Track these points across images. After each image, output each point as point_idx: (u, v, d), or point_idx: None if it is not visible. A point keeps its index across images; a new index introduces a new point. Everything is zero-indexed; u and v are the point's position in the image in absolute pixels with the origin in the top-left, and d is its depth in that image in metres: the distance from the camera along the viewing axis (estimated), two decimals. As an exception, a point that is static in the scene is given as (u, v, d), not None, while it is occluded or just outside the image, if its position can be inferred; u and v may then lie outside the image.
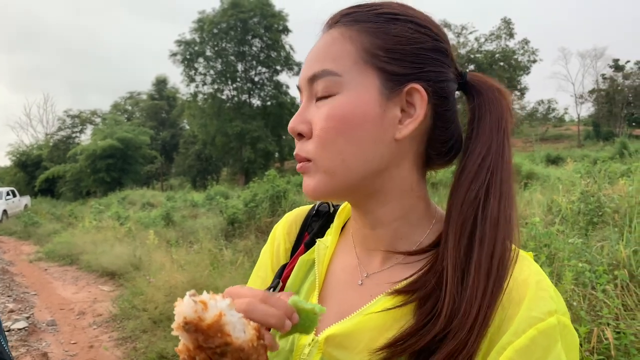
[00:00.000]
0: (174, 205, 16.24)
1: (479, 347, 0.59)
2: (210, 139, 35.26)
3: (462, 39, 29.54)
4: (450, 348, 0.59)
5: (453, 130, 0.72)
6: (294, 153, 0.73)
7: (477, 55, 28.88)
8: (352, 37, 0.68)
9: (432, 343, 0.60)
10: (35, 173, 41.69)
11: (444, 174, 0.85)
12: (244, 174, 34.03)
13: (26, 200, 30.00)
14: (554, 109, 48.11)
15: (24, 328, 6.44)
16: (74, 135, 48.99)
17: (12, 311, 7.31)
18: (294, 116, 0.72)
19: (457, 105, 0.75)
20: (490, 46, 29.73)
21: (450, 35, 27.26)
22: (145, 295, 6.82)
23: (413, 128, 0.67)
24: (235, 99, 36.11)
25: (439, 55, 0.70)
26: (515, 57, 29.62)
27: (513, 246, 0.66)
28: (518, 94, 30.87)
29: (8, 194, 26.47)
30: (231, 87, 36.30)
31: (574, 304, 2.76)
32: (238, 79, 35.90)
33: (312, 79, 0.69)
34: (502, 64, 28.95)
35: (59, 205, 29.27)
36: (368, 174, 0.68)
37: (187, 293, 0.48)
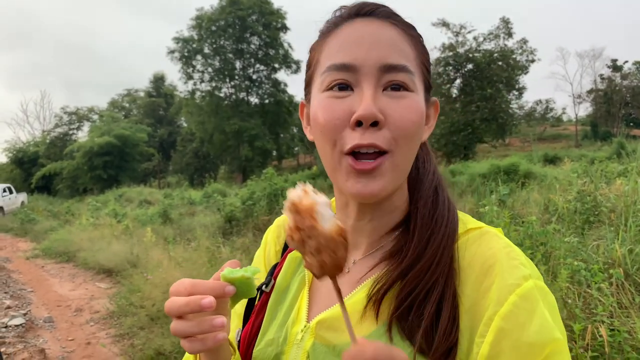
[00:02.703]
0: (171, 203, 16.23)
1: (445, 272, 0.69)
2: (208, 136, 35.22)
3: (460, 38, 29.50)
4: (421, 266, 0.69)
5: None
6: (367, 143, 0.69)
7: (476, 54, 28.84)
8: (412, 43, 0.75)
9: (404, 274, 0.70)
10: (32, 170, 41.56)
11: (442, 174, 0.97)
12: (241, 172, 34.01)
13: (23, 197, 29.92)
14: (552, 109, 48.23)
15: (21, 324, 6.44)
16: (70, 132, 48.92)
17: (9, 307, 7.30)
18: (368, 102, 0.68)
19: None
20: (488, 45, 29.72)
21: (449, 34, 27.13)
22: (142, 292, 6.82)
23: (429, 134, 0.80)
24: (233, 96, 36.05)
25: None
26: (514, 56, 29.59)
27: (480, 223, 0.77)
28: (516, 93, 30.83)
29: (5, 191, 26.40)
30: (229, 85, 36.23)
31: (569, 301, 2.79)
32: (236, 77, 35.84)
33: (389, 69, 0.70)
34: (500, 63, 28.92)
35: (56, 203, 29.19)
36: (407, 173, 0.78)
37: (300, 183, 0.58)
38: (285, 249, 0.95)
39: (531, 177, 12.35)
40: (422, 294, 0.68)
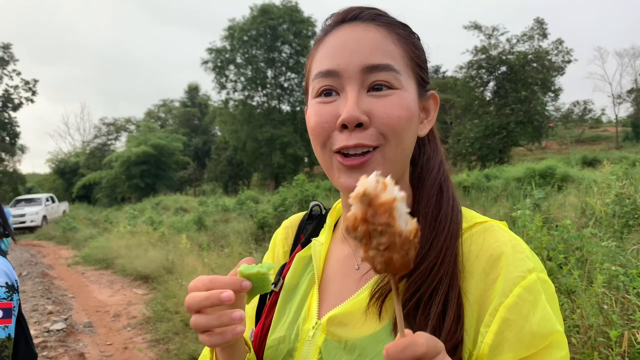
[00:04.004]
0: (206, 210, 16.47)
1: (450, 271, 0.69)
2: (241, 144, 35.60)
3: (493, 41, 28.95)
4: (425, 267, 0.70)
5: None
6: (352, 143, 0.72)
7: (509, 56, 28.24)
8: (399, 41, 0.76)
9: (409, 275, 0.71)
10: (73, 180, 42.88)
11: (476, 178, 0.96)
12: (274, 178, 34.24)
13: (64, 206, 30.91)
14: (590, 110, 46.73)
15: (62, 329, 6.65)
16: (109, 142, 50.33)
17: (51, 313, 7.55)
18: (350, 106, 0.71)
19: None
20: (522, 47, 29.06)
21: (481, 37, 26.65)
22: (177, 298, 6.94)
23: (429, 128, 0.82)
24: (265, 105, 36.40)
25: None
26: (549, 57, 28.81)
27: (485, 217, 0.79)
28: (552, 95, 30.04)
29: (48, 200, 27.32)
30: (261, 94, 36.60)
31: (605, 307, 2.70)
32: (268, 85, 36.18)
33: (371, 69, 0.73)
34: (535, 64, 28.21)
35: (95, 211, 30.01)
36: (407, 167, 0.80)
37: (375, 171, 0.53)
38: (293, 249, 0.97)
39: (568, 181, 12.02)
40: (428, 294, 0.69)
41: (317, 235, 0.95)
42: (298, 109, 35.92)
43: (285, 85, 36.47)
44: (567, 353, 0.67)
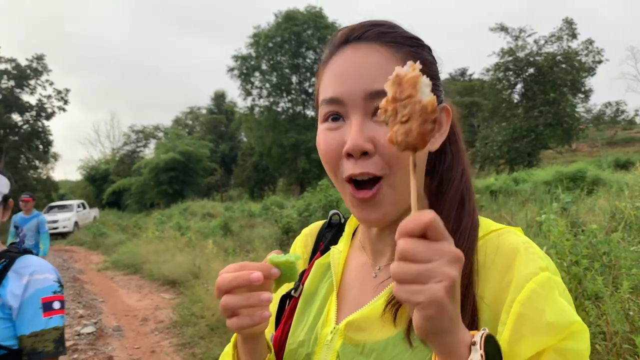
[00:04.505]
0: (232, 216, 16.63)
1: (465, 274, 0.68)
2: (267, 150, 35.83)
3: (520, 42, 28.49)
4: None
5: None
6: (359, 172, 0.73)
7: (537, 58, 27.74)
8: (404, 60, 0.74)
9: None
10: (103, 186, 43.78)
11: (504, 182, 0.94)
12: (299, 184, 34.35)
13: (95, 212, 31.63)
14: (623, 111, 45.41)
15: (92, 332, 6.81)
16: (138, 149, 51.27)
17: (81, 316, 7.74)
18: (354, 135, 0.72)
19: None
20: (550, 48, 28.50)
21: (508, 39, 26.27)
22: (203, 302, 7.04)
23: (442, 141, 0.80)
24: (290, 110, 36.59)
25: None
26: (579, 58, 28.16)
27: (500, 225, 0.79)
28: (582, 96, 29.37)
29: (79, 207, 28.00)
30: (286, 100, 36.81)
31: (631, 313, 2.63)
32: (293, 91, 36.37)
33: (373, 96, 0.72)
34: (564, 65, 27.64)
35: (125, 217, 30.59)
36: (419, 187, 0.78)
37: (409, 62, 0.59)
38: (313, 256, 0.99)
39: (599, 184, 11.72)
40: None
41: (335, 243, 0.96)
42: (323, 114, 35.92)
43: (310, 90, 36.61)
44: (588, 344, 0.66)
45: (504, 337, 0.65)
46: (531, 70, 28.02)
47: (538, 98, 27.01)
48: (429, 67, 0.79)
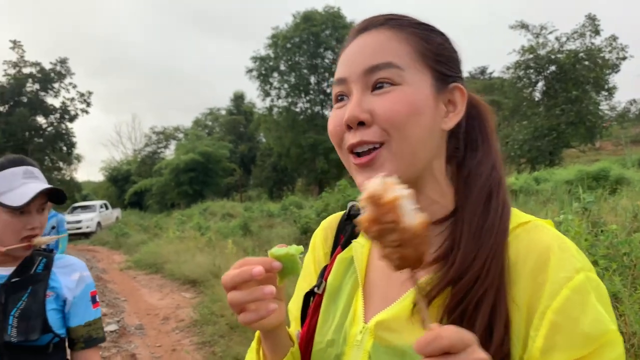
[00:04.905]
0: (251, 216, 16.74)
1: (497, 281, 0.68)
2: (285, 150, 35.95)
3: (541, 40, 28.04)
4: (470, 277, 0.69)
5: (459, 131, 0.85)
6: (357, 141, 0.75)
7: (559, 55, 27.27)
8: (407, 38, 0.78)
9: (453, 284, 0.70)
10: (125, 187, 44.37)
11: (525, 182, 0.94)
12: (317, 184, 34.40)
13: (117, 212, 32.09)
14: (648, 109, 44.44)
15: (115, 331, 6.93)
16: (159, 150, 51.89)
17: (105, 315, 7.88)
18: (352, 105, 0.75)
19: None
20: (572, 45, 27.98)
21: (529, 36, 25.85)
22: (223, 302, 7.09)
23: (457, 121, 0.80)
24: (309, 111, 36.66)
25: (461, 66, 0.83)
26: (602, 55, 27.61)
27: (529, 216, 0.77)
28: (606, 94, 28.77)
29: (101, 207, 28.45)
30: (304, 100, 36.89)
31: (650, 315, 2.60)
32: (311, 92, 36.44)
33: (372, 70, 0.75)
34: (586, 63, 27.12)
35: (146, 217, 30.91)
36: (426, 161, 0.78)
37: (381, 174, 0.57)
38: (334, 251, 0.97)
39: (623, 183, 11.49)
40: (472, 305, 0.68)
41: (356, 236, 0.93)
42: (341, 114, 35.90)
43: (328, 91, 36.62)
44: (622, 352, 0.66)
45: (536, 345, 0.65)
46: (553, 67, 27.56)
47: (560, 96, 26.57)
48: (435, 47, 0.79)
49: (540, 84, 28.82)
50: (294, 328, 0.96)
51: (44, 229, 1.67)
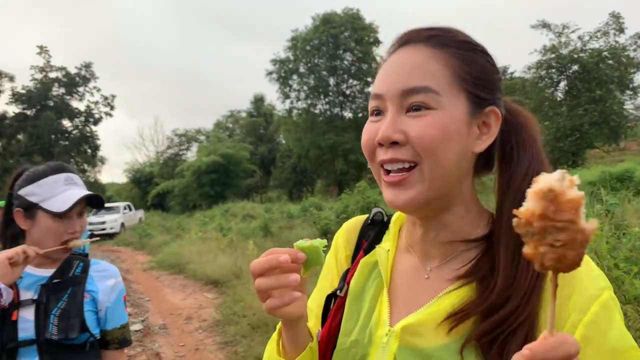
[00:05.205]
0: (271, 217, 16.82)
1: (535, 315, 0.70)
2: (305, 152, 35.98)
3: (563, 39, 27.62)
4: (509, 309, 0.70)
5: (495, 145, 0.85)
6: (389, 157, 0.78)
7: (581, 54, 26.82)
8: (446, 60, 0.79)
9: (489, 311, 0.72)
10: (147, 188, 44.94)
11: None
12: (337, 185, 34.37)
13: (140, 213, 32.52)
14: (676, 108, 43.34)
15: (139, 330, 7.07)
16: (181, 152, 52.52)
17: (129, 314, 8.01)
18: (386, 125, 0.78)
19: None
20: (596, 44, 27.48)
21: (550, 36, 25.41)
22: (244, 302, 7.20)
23: (489, 144, 0.81)
24: (328, 112, 36.67)
25: (499, 85, 0.84)
26: (626, 53, 27.05)
27: None
28: (630, 93, 28.16)
29: (125, 208, 28.87)
30: (324, 102, 36.90)
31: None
32: (330, 93, 36.44)
33: (409, 92, 0.77)
34: (610, 62, 26.60)
35: (169, 218, 31.22)
36: (455, 182, 0.81)
37: (560, 170, 0.53)
38: (356, 254, 1.00)
39: (650, 185, 11.27)
40: (506, 334, 0.70)
41: (379, 241, 0.96)
42: (360, 115, 35.95)
43: (347, 92, 36.59)
44: None
45: None
46: (575, 67, 27.12)
47: (583, 96, 26.12)
48: (476, 70, 0.80)
49: (562, 84, 28.37)
50: (314, 325, 0.99)
51: (83, 232, 1.76)
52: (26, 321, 1.62)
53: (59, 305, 1.65)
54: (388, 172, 0.80)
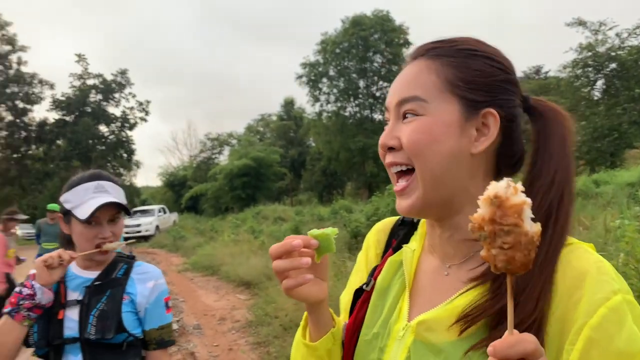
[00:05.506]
0: (302, 220, 16.92)
1: (544, 318, 0.71)
2: (335, 155, 36.01)
3: (600, 36, 26.87)
4: (520, 317, 0.70)
5: (518, 147, 0.88)
6: (389, 161, 0.87)
7: (619, 52, 26.04)
8: (437, 69, 0.84)
9: (500, 314, 0.73)
10: (181, 191, 45.61)
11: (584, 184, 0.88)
12: (367, 187, 34.27)
13: (174, 216, 33.13)
14: None
15: (175, 330, 7.24)
16: (213, 156, 53.28)
17: (165, 315, 8.23)
18: (384, 133, 0.87)
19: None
20: (635, 40, 26.63)
21: (587, 33, 24.71)
22: (276, 303, 7.28)
23: (487, 144, 0.83)
24: (358, 115, 36.65)
25: (508, 85, 0.86)
26: (668, 49, 26.12)
27: (572, 239, 0.79)
28: (672, 91, 27.14)
29: (160, 211, 29.50)
30: (353, 104, 36.89)
31: None
32: (360, 96, 36.41)
33: (402, 102, 0.85)
34: (650, 59, 25.75)
35: (202, 221, 31.70)
36: (455, 185, 0.84)
37: (505, 178, 0.58)
38: (385, 252, 1.05)
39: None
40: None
41: (407, 241, 1.00)
42: (391, 117, 35.66)
43: (377, 94, 36.47)
44: None
45: (572, 358, 0.68)
46: (613, 65, 26.33)
47: (621, 94, 25.34)
48: (469, 75, 0.84)
49: (599, 83, 27.59)
50: (343, 318, 1.05)
51: (118, 236, 1.82)
52: (71, 320, 1.72)
53: (97, 307, 1.73)
54: (398, 178, 0.88)
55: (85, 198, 1.74)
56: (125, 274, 1.83)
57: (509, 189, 0.57)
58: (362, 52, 35.03)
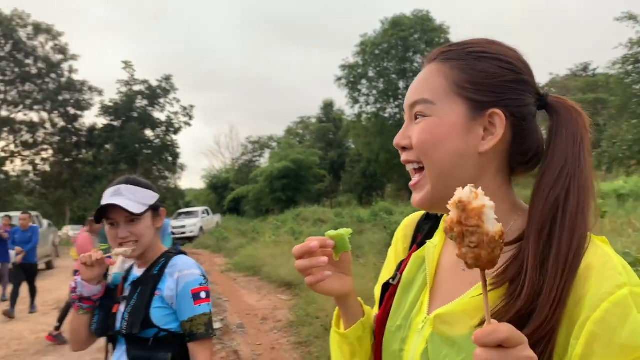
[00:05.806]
0: (341, 221, 16.92)
1: (559, 322, 0.72)
2: (374, 156, 35.83)
3: (651, 30, 25.73)
4: (537, 323, 0.72)
5: (531, 144, 0.89)
6: (403, 159, 0.93)
7: (673, 46, 24.87)
8: (446, 72, 0.88)
9: (517, 319, 0.72)
10: (224, 194, 46.39)
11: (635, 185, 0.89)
12: (407, 189, 33.84)
13: (217, 218, 33.74)
14: None
15: (219, 328, 7.41)
16: (254, 159, 54.07)
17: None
18: (399, 133, 0.93)
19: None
20: (690, 34, 25.35)
21: (637, 28, 23.64)
22: (317, 304, 7.34)
23: (494, 143, 0.85)
24: (397, 116, 36.34)
25: (519, 85, 0.87)
26: None
27: (589, 236, 0.78)
28: None
29: (203, 213, 30.14)
30: (393, 105, 36.64)
31: None
32: (400, 96, 36.08)
33: (413, 104, 0.90)
34: None
35: (244, 222, 32.09)
36: (463, 181, 0.84)
37: (469, 185, 0.64)
38: (411, 247, 1.10)
39: None
40: (532, 340, 0.70)
41: (431, 236, 1.03)
42: (431, 118, 35.23)
43: (418, 95, 36.03)
44: None
45: (576, 352, 0.70)
46: (665, 61, 25.16)
47: (675, 91, 24.19)
48: (476, 77, 0.87)
49: (652, 79, 26.40)
50: (375, 310, 1.12)
51: (140, 237, 1.85)
52: (120, 314, 1.88)
53: (131, 303, 1.85)
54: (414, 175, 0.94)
55: (102, 201, 1.85)
56: (161, 269, 1.90)
57: (471, 194, 0.63)
58: (402, 52, 34.75)
